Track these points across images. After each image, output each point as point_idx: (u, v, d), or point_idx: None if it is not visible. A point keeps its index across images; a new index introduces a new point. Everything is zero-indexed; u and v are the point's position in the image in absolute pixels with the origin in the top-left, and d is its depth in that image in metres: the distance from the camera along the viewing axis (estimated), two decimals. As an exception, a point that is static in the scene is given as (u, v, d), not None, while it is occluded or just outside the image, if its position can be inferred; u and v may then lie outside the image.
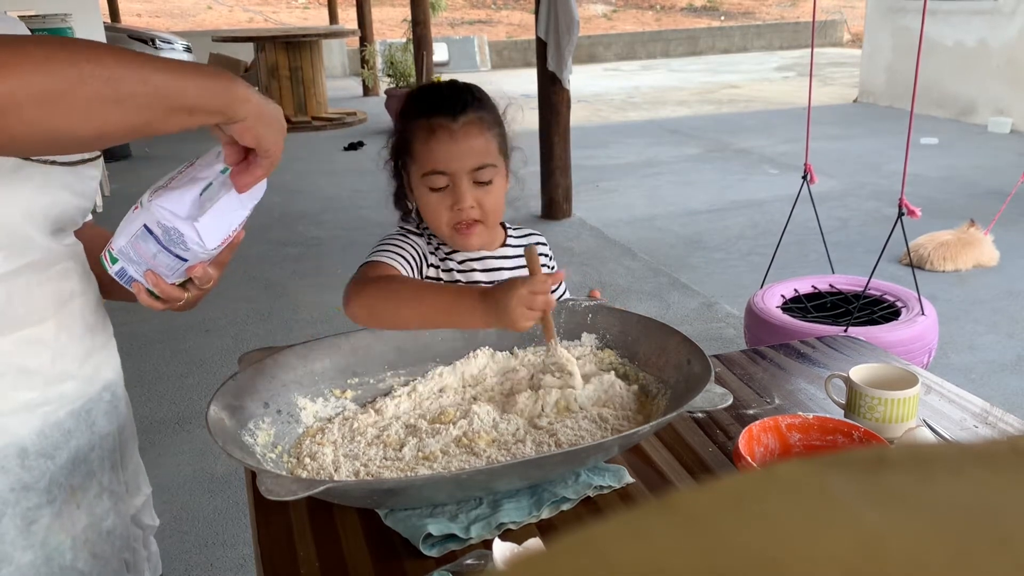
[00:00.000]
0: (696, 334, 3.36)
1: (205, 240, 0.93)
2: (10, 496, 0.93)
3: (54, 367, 0.96)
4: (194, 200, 0.93)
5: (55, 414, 0.97)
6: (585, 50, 15.28)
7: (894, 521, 0.19)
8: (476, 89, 1.37)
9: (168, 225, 0.92)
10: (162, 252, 0.94)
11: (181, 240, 0.93)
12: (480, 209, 1.31)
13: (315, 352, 1.24)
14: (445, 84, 1.37)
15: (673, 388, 1.18)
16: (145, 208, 0.93)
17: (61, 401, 0.97)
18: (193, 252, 0.94)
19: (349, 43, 13.51)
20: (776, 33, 17.29)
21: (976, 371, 3.33)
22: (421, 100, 1.35)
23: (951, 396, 1.34)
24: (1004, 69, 8.36)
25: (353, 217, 5.75)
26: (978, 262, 4.40)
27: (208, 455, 2.80)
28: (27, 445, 0.94)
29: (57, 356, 0.96)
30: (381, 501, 1.03)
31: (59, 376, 0.97)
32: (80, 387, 1.00)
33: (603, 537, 0.20)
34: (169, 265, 0.96)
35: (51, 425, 0.96)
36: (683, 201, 6.00)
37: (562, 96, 5.26)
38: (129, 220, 0.95)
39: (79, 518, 1.00)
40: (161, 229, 0.93)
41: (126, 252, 0.96)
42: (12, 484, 0.93)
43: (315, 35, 9.81)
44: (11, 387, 0.92)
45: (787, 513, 0.20)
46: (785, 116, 9.37)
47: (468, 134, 1.29)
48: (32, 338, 0.93)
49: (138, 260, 0.96)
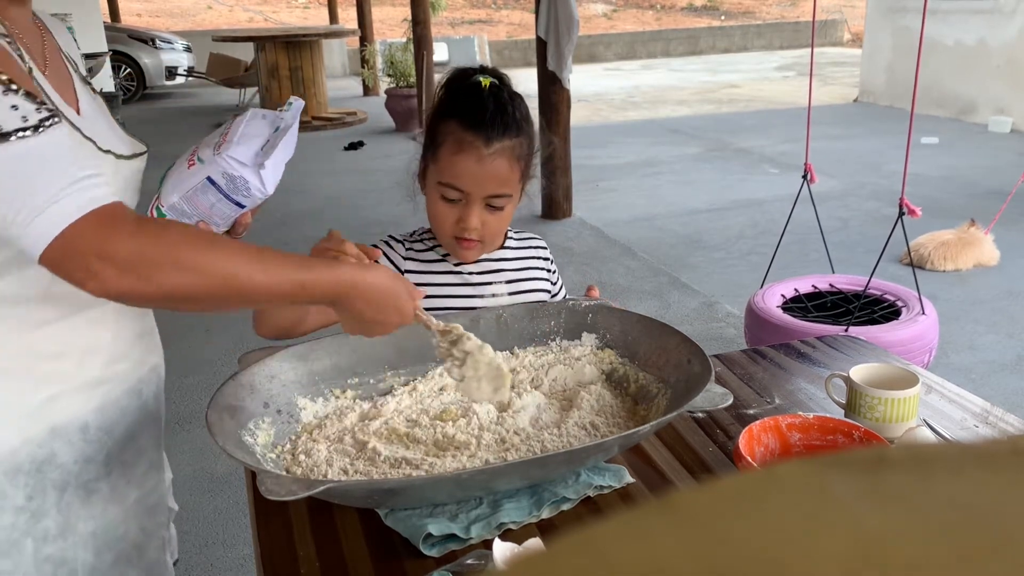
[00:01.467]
0: (696, 334, 3.36)
1: (267, 185, 1.09)
2: (73, 468, 1.01)
3: (114, 347, 1.04)
4: (256, 152, 1.08)
5: (112, 392, 1.04)
6: (585, 49, 15.28)
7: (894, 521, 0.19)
8: (521, 106, 1.31)
9: (235, 174, 1.06)
10: (221, 201, 1.08)
11: (246, 187, 1.07)
12: (484, 230, 1.31)
13: (315, 352, 1.24)
14: (491, 92, 1.29)
15: (673, 388, 1.18)
16: (209, 162, 1.07)
17: (118, 380, 1.05)
18: (253, 198, 1.09)
19: (349, 43, 13.50)
20: (776, 33, 17.29)
21: (976, 371, 3.33)
22: (463, 104, 1.28)
23: (951, 396, 1.34)
24: (1004, 69, 8.36)
25: (354, 217, 5.75)
26: (979, 262, 4.40)
27: (208, 455, 2.80)
28: (89, 420, 1.02)
29: (116, 336, 1.04)
30: (381, 501, 1.03)
31: (117, 356, 1.05)
32: (133, 367, 1.08)
33: (603, 537, 0.20)
34: (224, 214, 1.10)
35: (110, 402, 1.04)
36: (683, 201, 5.99)
37: (562, 96, 5.26)
38: (183, 176, 1.08)
39: (130, 492, 1.09)
40: (226, 179, 1.07)
41: (178, 207, 1.09)
42: (76, 456, 1.01)
43: (315, 35, 9.80)
44: (78, 365, 1.00)
45: (787, 513, 0.20)
46: (785, 116, 9.36)
47: (495, 162, 1.26)
48: (96, 318, 1.01)
49: (191, 213, 1.09)
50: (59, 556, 1.01)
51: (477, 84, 1.29)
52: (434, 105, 1.34)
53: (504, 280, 1.40)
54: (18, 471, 0.96)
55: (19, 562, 0.98)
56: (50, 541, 1.00)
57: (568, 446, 1.10)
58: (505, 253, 1.43)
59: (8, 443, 0.95)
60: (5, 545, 0.97)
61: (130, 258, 0.81)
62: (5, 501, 0.96)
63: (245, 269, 0.88)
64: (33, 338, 0.96)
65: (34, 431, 0.97)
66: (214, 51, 10.71)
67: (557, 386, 1.29)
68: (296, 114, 1.12)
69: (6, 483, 0.96)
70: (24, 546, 0.98)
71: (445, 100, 1.31)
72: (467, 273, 1.39)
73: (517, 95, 1.33)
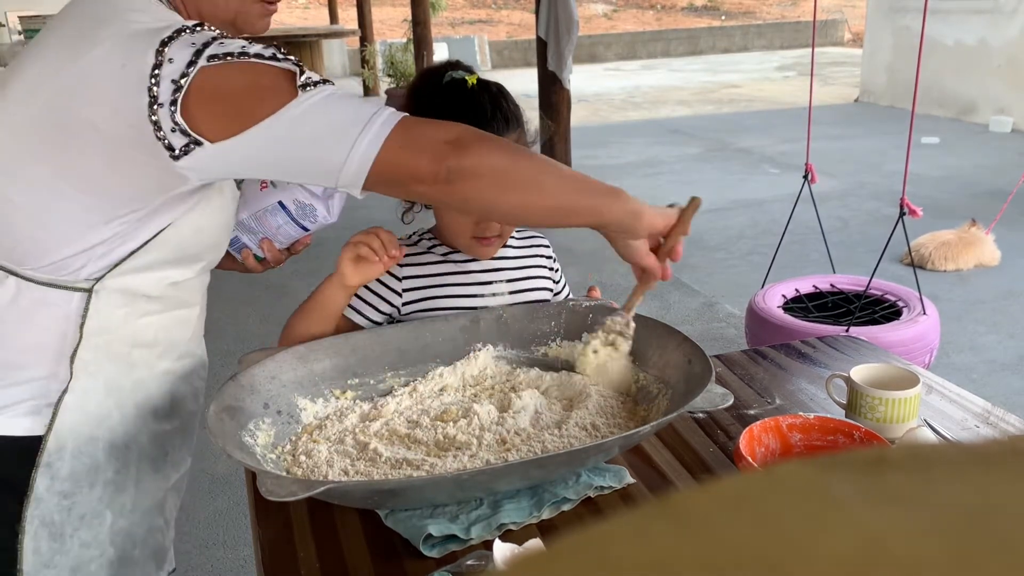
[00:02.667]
0: (697, 334, 3.36)
1: (332, 214, 1.18)
2: (147, 447, 1.11)
3: (188, 344, 1.14)
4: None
5: (176, 382, 1.14)
6: (586, 50, 15.28)
7: (894, 521, 0.19)
8: (509, 97, 1.31)
9: (305, 202, 1.15)
10: (288, 224, 1.18)
11: (313, 214, 1.17)
12: (502, 225, 1.32)
13: (315, 353, 1.24)
14: (482, 89, 1.28)
15: (674, 388, 1.18)
16: (281, 188, 1.15)
17: (182, 372, 1.15)
18: (318, 223, 1.18)
19: (349, 43, 13.50)
20: (777, 33, 17.29)
21: (977, 371, 3.33)
22: (459, 106, 1.25)
23: (952, 396, 1.34)
24: (1005, 68, 8.36)
25: (354, 217, 5.73)
26: (979, 262, 4.39)
27: (208, 455, 2.80)
28: (158, 405, 1.11)
29: (193, 335, 1.15)
30: (381, 502, 1.03)
31: (187, 351, 1.15)
32: (193, 363, 1.18)
33: (604, 537, 0.20)
34: (289, 235, 1.20)
35: (173, 391, 1.14)
36: (684, 201, 5.98)
37: (562, 96, 5.26)
38: (256, 196, 1.17)
39: (172, 473, 1.18)
40: (297, 205, 1.16)
41: (246, 223, 1.18)
42: (150, 437, 1.11)
43: (315, 35, 9.81)
44: (159, 356, 1.10)
45: (787, 513, 0.20)
46: (786, 116, 9.36)
47: None
48: (183, 318, 1.12)
49: (257, 230, 1.19)
50: (127, 529, 1.10)
51: (463, 83, 1.28)
52: (419, 114, 1.32)
53: (505, 279, 1.40)
54: (113, 446, 1.06)
55: (98, 533, 1.06)
56: (124, 514, 1.09)
57: (568, 446, 1.10)
58: (506, 252, 1.42)
59: (110, 418, 1.05)
60: (90, 516, 1.05)
61: (461, 137, 0.92)
62: (99, 474, 1.05)
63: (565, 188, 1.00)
64: (137, 326, 1.05)
65: (127, 410, 1.07)
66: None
67: (555, 385, 1.29)
68: None
69: (103, 457, 1.05)
70: (105, 517, 1.06)
71: (433, 106, 1.25)
72: (468, 273, 1.39)
73: (501, 87, 1.33)
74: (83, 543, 1.04)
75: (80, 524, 1.04)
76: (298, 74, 0.90)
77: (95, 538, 1.05)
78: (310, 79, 0.90)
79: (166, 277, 1.04)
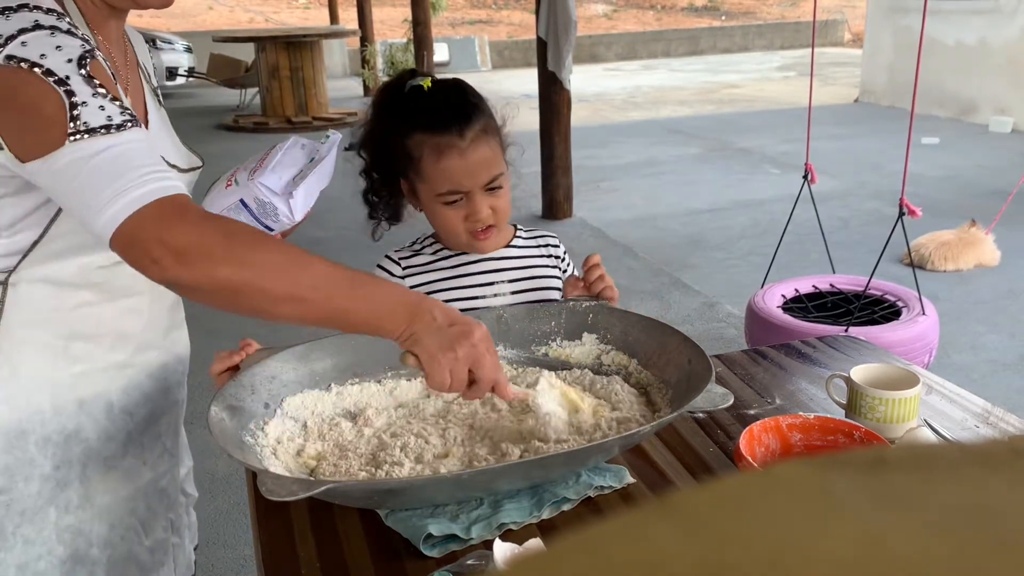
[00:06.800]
0: (697, 334, 3.35)
1: (295, 213, 1.15)
2: (96, 444, 1.07)
3: (144, 335, 1.10)
4: (288, 180, 1.15)
5: (138, 377, 1.11)
6: (586, 50, 15.28)
7: (894, 521, 0.19)
8: (470, 92, 1.34)
9: (264, 200, 1.13)
10: (252, 222, 1.13)
11: (274, 212, 1.14)
12: (495, 214, 1.33)
13: (315, 352, 1.24)
14: (438, 90, 1.30)
15: (674, 388, 1.18)
16: (243, 186, 1.13)
17: (144, 366, 1.12)
18: (281, 223, 1.15)
19: (350, 43, 13.50)
20: (777, 33, 17.29)
21: (977, 371, 3.32)
22: (419, 112, 1.29)
23: (952, 396, 1.34)
24: (1005, 68, 8.36)
25: (354, 217, 5.71)
26: (979, 262, 4.39)
27: (208, 455, 2.79)
28: (113, 400, 1.08)
29: (148, 325, 1.11)
30: (382, 501, 1.03)
31: (146, 344, 1.11)
32: (161, 356, 1.15)
33: (604, 537, 0.20)
34: None
35: (134, 386, 1.11)
36: (684, 201, 5.99)
37: (563, 96, 5.26)
38: (221, 195, 1.15)
39: (144, 473, 1.15)
40: (257, 203, 1.13)
41: None
42: (99, 433, 1.08)
43: (316, 35, 9.80)
44: (109, 349, 1.06)
45: (787, 513, 0.20)
46: (786, 116, 9.36)
47: (477, 149, 1.28)
48: (131, 307, 1.08)
49: None
50: (77, 526, 1.07)
51: (419, 89, 1.30)
52: (383, 128, 1.34)
53: (507, 280, 1.41)
54: (48, 441, 1.03)
55: (42, 529, 1.04)
56: (71, 511, 1.06)
57: (569, 446, 1.10)
58: (509, 252, 1.43)
59: (41, 412, 1.02)
60: (31, 512, 1.03)
61: (189, 248, 0.84)
62: (34, 469, 1.03)
63: (306, 275, 0.89)
64: (72, 318, 1.02)
65: (64, 403, 1.04)
66: (215, 51, 10.70)
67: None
68: (332, 147, 1.19)
69: (36, 452, 1.03)
70: (48, 514, 1.04)
71: (396, 118, 1.31)
72: (469, 275, 1.39)
73: (460, 81, 1.35)
74: (26, 540, 1.03)
75: (21, 520, 1.03)
76: (78, 116, 0.85)
77: (39, 535, 1.04)
78: (87, 125, 0.85)
79: (90, 263, 1.01)
